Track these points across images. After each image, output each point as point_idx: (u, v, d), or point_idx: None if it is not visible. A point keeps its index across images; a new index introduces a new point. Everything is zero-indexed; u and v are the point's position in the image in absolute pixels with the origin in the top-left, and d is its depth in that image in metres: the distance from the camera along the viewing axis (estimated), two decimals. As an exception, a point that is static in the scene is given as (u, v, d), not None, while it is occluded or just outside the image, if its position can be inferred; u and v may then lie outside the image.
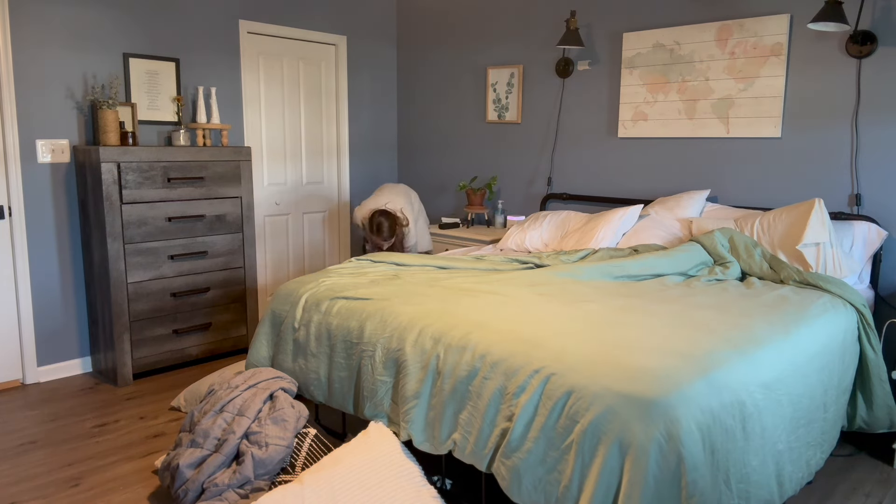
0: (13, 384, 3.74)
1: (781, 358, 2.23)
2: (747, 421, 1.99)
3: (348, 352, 2.62)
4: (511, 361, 2.11)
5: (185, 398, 3.38)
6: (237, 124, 4.50)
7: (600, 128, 4.28)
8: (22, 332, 3.72)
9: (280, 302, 2.97)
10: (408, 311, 2.52)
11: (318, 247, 5.14)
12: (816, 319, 2.55)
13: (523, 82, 4.63)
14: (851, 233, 3.19)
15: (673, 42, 3.86)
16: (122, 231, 3.65)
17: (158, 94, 4.09)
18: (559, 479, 1.90)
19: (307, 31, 4.80)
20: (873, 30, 3.20)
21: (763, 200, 3.64)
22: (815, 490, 2.68)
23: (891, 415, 2.81)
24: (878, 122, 3.24)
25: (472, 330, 2.30)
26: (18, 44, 3.56)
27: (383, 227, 4.02)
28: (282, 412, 2.51)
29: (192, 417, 2.60)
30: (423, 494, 2.22)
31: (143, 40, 4.01)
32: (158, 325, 3.86)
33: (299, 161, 4.93)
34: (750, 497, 1.98)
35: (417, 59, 5.30)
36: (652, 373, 1.91)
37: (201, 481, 2.35)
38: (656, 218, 3.69)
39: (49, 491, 2.64)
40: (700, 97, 3.78)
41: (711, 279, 3.06)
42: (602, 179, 4.30)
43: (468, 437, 2.16)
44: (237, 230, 4.14)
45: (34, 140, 3.66)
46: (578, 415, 1.89)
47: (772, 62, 3.51)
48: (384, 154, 5.47)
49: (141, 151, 3.67)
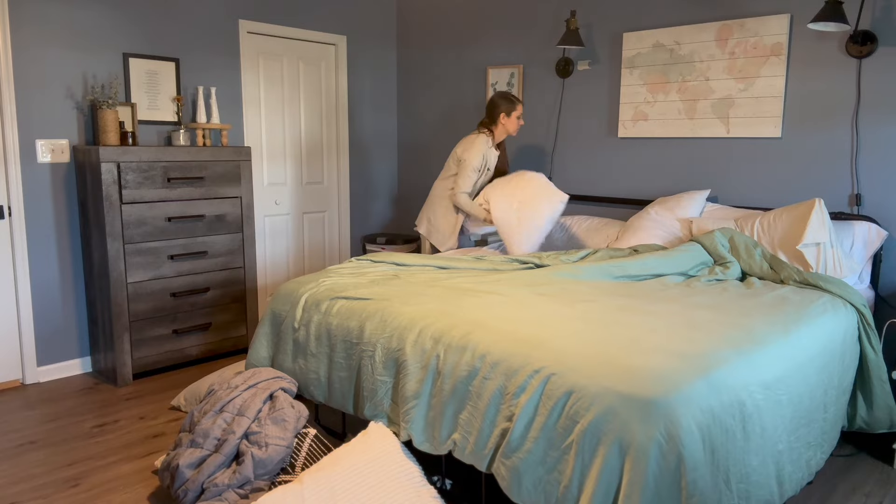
0: (13, 384, 3.74)
1: (782, 358, 2.23)
2: (747, 421, 1.99)
3: (348, 352, 2.62)
4: (511, 361, 2.11)
5: (185, 398, 3.38)
6: (237, 124, 4.50)
7: (600, 128, 4.28)
8: (22, 332, 3.72)
9: (280, 302, 2.97)
10: (408, 311, 2.52)
11: (318, 247, 5.14)
12: (816, 319, 2.55)
13: (523, 82, 4.63)
14: (851, 233, 3.19)
15: (673, 42, 3.86)
16: (121, 231, 3.64)
17: (158, 94, 4.09)
18: (559, 479, 1.90)
19: (307, 31, 4.80)
20: (873, 30, 3.20)
21: (763, 200, 3.64)
22: (815, 490, 2.68)
23: (891, 415, 2.81)
24: (878, 122, 3.24)
25: (472, 330, 2.29)
26: (18, 44, 3.56)
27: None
28: (282, 412, 2.51)
29: (191, 417, 2.60)
30: (423, 494, 2.22)
31: (143, 40, 4.01)
32: (158, 325, 3.86)
33: (299, 161, 4.93)
34: (750, 497, 1.98)
35: (417, 59, 5.30)
36: (652, 373, 1.91)
37: (201, 481, 2.35)
38: (656, 218, 3.69)
39: (49, 491, 2.64)
40: (700, 97, 3.78)
41: (711, 279, 3.06)
42: (602, 179, 4.30)
43: (468, 437, 2.16)
44: (237, 230, 4.14)
45: (34, 140, 3.66)
46: (578, 415, 1.89)
47: (772, 62, 3.51)
48: (384, 154, 5.47)
49: (141, 151, 3.67)
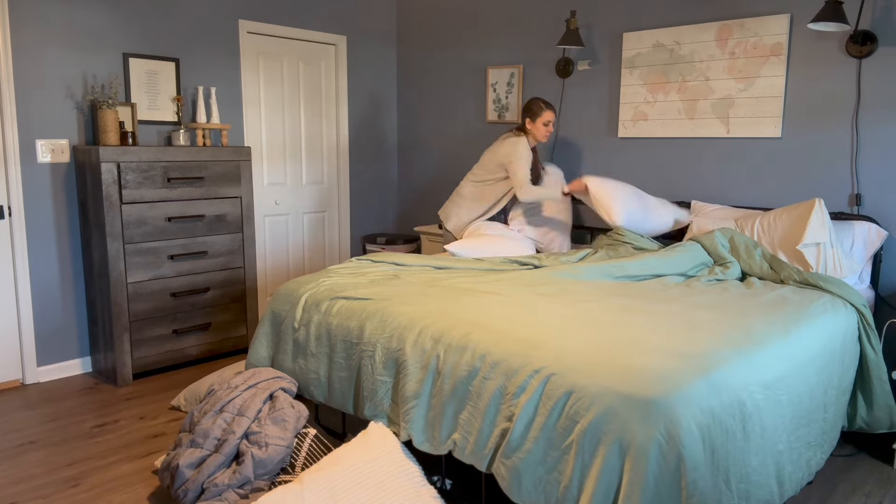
0: (13, 384, 3.74)
1: (782, 358, 2.23)
2: (747, 421, 1.99)
3: (348, 352, 2.62)
4: (511, 361, 2.11)
5: (185, 398, 3.38)
6: (237, 124, 4.50)
7: (600, 128, 4.27)
8: (22, 331, 3.72)
9: (280, 302, 2.97)
10: (408, 311, 2.52)
11: (318, 247, 5.14)
12: (816, 319, 2.55)
13: (523, 82, 4.63)
14: (852, 233, 3.18)
15: (673, 42, 3.86)
16: (121, 231, 3.64)
17: (158, 93, 4.09)
18: (559, 479, 1.90)
19: (307, 31, 4.79)
20: (873, 30, 3.20)
21: (763, 200, 3.64)
22: (815, 490, 2.67)
23: (891, 415, 2.81)
24: (878, 122, 3.24)
25: (472, 330, 2.29)
26: (18, 44, 3.56)
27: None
28: (282, 412, 2.51)
29: (191, 417, 2.60)
30: (423, 494, 2.22)
31: (143, 40, 4.01)
32: (158, 325, 3.86)
33: (299, 161, 4.93)
34: (750, 497, 1.98)
35: (417, 59, 5.30)
36: (652, 373, 1.91)
37: (201, 481, 2.35)
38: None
39: (49, 491, 2.64)
40: (700, 97, 3.78)
41: (711, 279, 3.06)
42: (602, 179, 4.30)
43: (468, 437, 2.16)
44: (237, 230, 4.14)
45: (34, 140, 3.66)
46: (578, 415, 1.89)
47: (772, 62, 3.51)
48: (384, 154, 5.47)
49: (141, 151, 3.67)
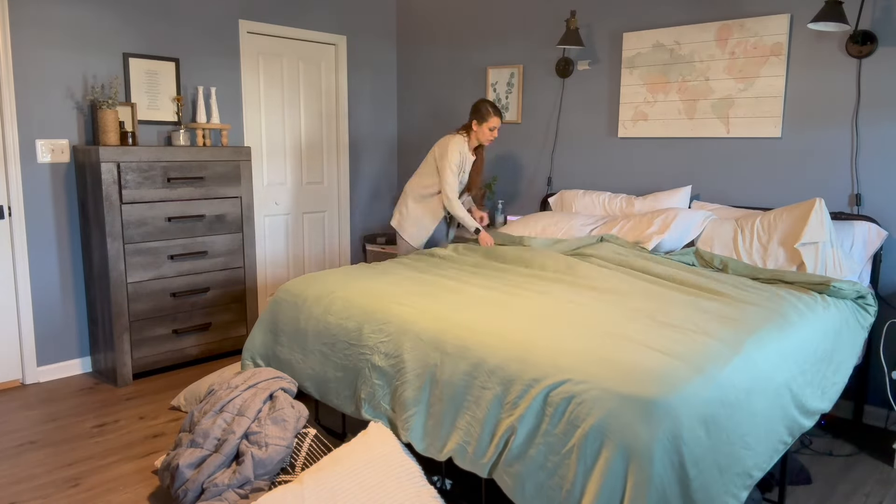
0: (13, 384, 3.74)
1: (779, 352, 2.25)
2: (746, 416, 1.99)
3: (345, 352, 2.62)
4: (510, 367, 2.10)
5: (185, 398, 3.38)
6: (237, 124, 4.50)
7: (600, 128, 4.27)
8: (22, 331, 3.72)
9: (280, 299, 2.98)
10: (405, 313, 2.52)
11: (318, 247, 5.14)
12: (811, 314, 2.59)
13: (523, 82, 4.63)
14: (851, 233, 3.18)
15: (673, 42, 3.86)
16: (121, 231, 3.64)
17: (158, 93, 4.09)
18: (561, 483, 1.89)
19: (307, 31, 4.79)
20: (873, 30, 3.20)
21: (763, 200, 3.64)
22: (815, 490, 2.68)
23: None
24: (878, 122, 3.24)
25: (470, 336, 2.29)
26: (18, 44, 3.56)
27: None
28: (282, 412, 2.51)
29: (191, 417, 2.59)
30: (423, 494, 2.22)
31: (142, 40, 4.01)
32: (158, 325, 3.86)
33: (299, 161, 4.93)
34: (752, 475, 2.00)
35: (417, 59, 5.30)
36: (652, 373, 1.91)
37: (201, 481, 2.35)
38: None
39: (49, 491, 2.64)
40: (700, 97, 3.78)
41: (707, 273, 3.06)
42: (602, 179, 4.30)
43: (468, 445, 2.15)
44: (237, 230, 4.14)
45: (34, 140, 3.66)
46: (579, 419, 1.88)
47: (772, 62, 3.51)
48: (384, 154, 5.47)
49: (141, 151, 3.67)
